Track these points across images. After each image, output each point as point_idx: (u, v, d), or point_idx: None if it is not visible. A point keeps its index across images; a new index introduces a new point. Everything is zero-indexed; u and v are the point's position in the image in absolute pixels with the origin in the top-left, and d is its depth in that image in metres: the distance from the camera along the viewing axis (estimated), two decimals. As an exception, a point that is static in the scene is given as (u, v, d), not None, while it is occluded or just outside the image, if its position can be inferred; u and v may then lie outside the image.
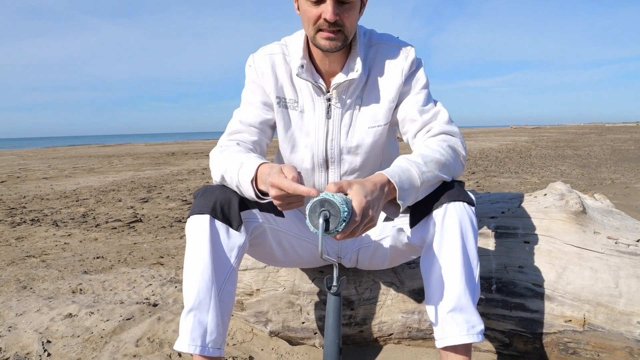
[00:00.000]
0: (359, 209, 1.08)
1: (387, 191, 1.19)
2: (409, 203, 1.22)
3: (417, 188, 1.23)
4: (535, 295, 1.63)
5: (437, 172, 1.27)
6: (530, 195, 1.90)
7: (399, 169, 1.23)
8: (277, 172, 1.16)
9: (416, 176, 1.23)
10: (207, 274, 1.26)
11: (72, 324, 2.17)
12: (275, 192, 1.16)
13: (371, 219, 1.13)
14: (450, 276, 1.25)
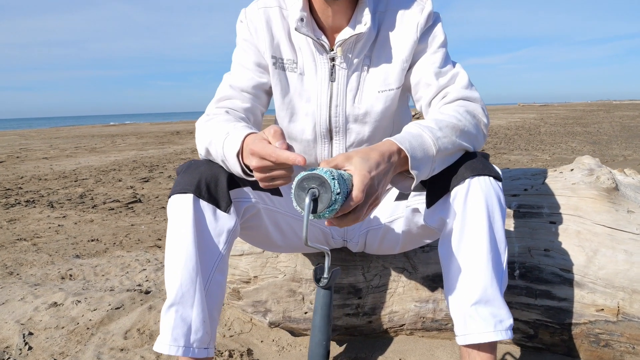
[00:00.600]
0: (361, 187, 0.90)
1: (397, 162, 1.00)
2: (423, 175, 1.04)
3: (432, 157, 1.04)
4: (563, 282, 1.45)
5: (454, 138, 1.08)
6: (555, 171, 1.71)
7: (409, 135, 1.04)
8: (259, 138, 0.98)
9: (430, 142, 1.04)
10: (190, 262, 1.09)
11: (56, 313, 2.02)
12: (256, 161, 0.97)
13: (376, 198, 0.95)
14: (474, 263, 1.07)
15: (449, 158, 1.08)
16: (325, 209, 0.84)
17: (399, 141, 1.01)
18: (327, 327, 0.96)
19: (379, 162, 0.96)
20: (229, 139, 1.07)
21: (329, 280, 0.95)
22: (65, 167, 7.44)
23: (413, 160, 1.00)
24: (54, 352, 1.74)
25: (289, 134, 1.32)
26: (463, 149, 1.11)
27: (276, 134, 0.96)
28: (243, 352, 1.67)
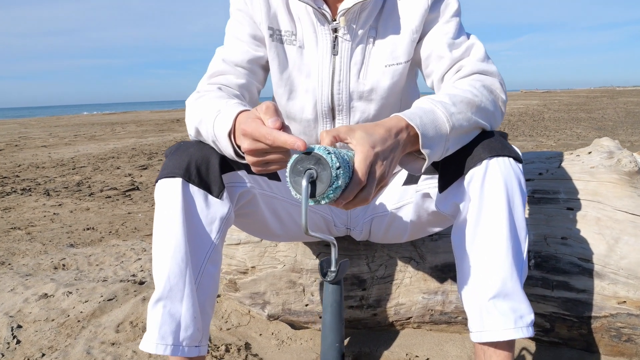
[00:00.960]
0: (364, 165, 0.80)
1: (406, 139, 0.90)
2: (436, 156, 0.94)
3: (445, 135, 0.93)
4: (582, 272, 1.36)
5: (470, 115, 0.97)
6: (572, 154, 1.61)
7: (420, 110, 0.93)
8: (252, 117, 0.87)
9: (443, 118, 0.93)
10: (179, 253, 0.99)
11: (47, 305, 1.93)
12: (248, 143, 0.87)
13: (382, 177, 0.84)
14: (492, 253, 0.97)
15: (464, 137, 0.98)
16: (327, 188, 0.74)
17: (408, 117, 0.90)
18: (339, 325, 0.86)
19: (385, 138, 0.85)
20: (220, 117, 0.96)
21: (337, 274, 0.84)
22: (64, 155, 7.34)
23: (424, 138, 0.90)
24: (42, 346, 1.65)
25: (288, 113, 1.22)
26: (479, 127, 1.01)
27: (268, 110, 0.85)
28: (241, 347, 1.58)
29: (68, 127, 14.20)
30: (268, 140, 0.82)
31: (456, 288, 1.45)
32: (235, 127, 0.93)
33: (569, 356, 1.40)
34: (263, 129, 0.83)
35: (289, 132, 0.84)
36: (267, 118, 0.84)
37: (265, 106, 0.86)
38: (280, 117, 0.85)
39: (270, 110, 0.85)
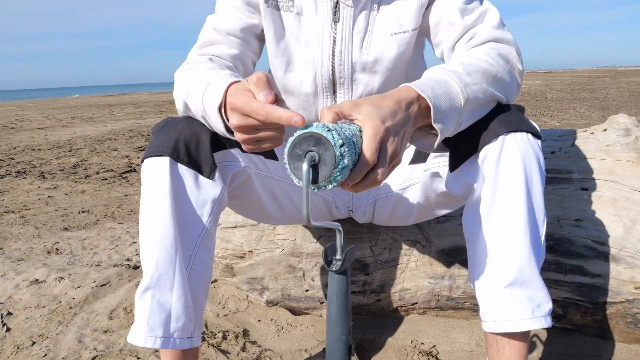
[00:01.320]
0: (374, 142, 0.71)
1: (417, 112, 0.81)
2: (448, 131, 0.85)
3: (459, 108, 0.84)
4: (597, 256, 1.28)
5: (486, 86, 0.88)
6: (586, 132, 1.52)
7: (431, 81, 0.84)
8: (241, 89, 0.78)
9: (457, 90, 0.84)
10: (168, 239, 0.91)
11: (38, 291, 1.87)
12: (237, 119, 0.78)
13: (394, 154, 0.76)
14: (508, 237, 0.89)
15: (479, 110, 0.89)
16: (332, 170, 0.65)
17: (419, 87, 0.81)
18: (345, 318, 0.78)
19: (395, 111, 0.77)
20: (209, 90, 0.88)
21: (343, 263, 0.76)
22: (60, 137, 7.24)
23: (437, 111, 0.81)
24: (33, 333, 1.59)
25: (285, 87, 1.13)
26: (495, 100, 0.92)
27: (259, 81, 0.76)
28: (238, 334, 1.52)
29: (65, 109, 14.07)
30: (260, 116, 0.73)
31: (464, 273, 1.38)
32: (226, 100, 0.85)
33: (582, 343, 1.33)
34: (254, 103, 0.74)
35: (284, 106, 0.75)
36: (258, 91, 0.75)
37: (256, 77, 0.76)
38: (273, 89, 0.77)
39: (261, 82, 0.76)
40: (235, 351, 1.43)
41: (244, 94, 0.76)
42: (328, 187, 0.67)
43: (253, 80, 0.76)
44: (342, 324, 0.77)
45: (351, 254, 0.77)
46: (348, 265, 0.76)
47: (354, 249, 0.79)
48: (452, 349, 1.36)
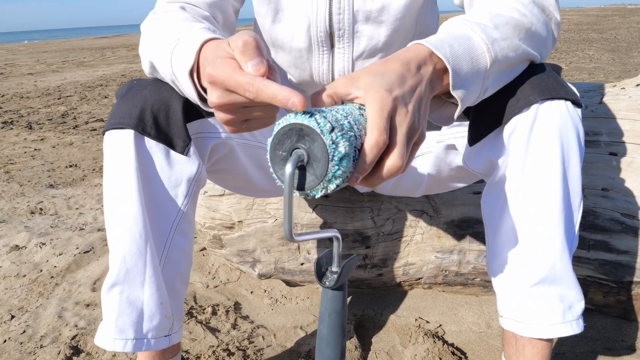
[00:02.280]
0: (381, 117, 0.55)
1: (431, 74, 0.64)
2: (470, 99, 0.69)
3: (484, 70, 0.68)
4: (625, 230, 1.16)
5: (517, 42, 0.71)
6: (615, 86, 1.36)
7: (449, 36, 0.67)
8: (223, 57, 0.60)
9: (482, 47, 0.68)
10: (136, 227, 0.77)
11: (18, 258, 1.76)
12: (218, 95, 0.60)
13: (412, 128, 0.59)
14: (539, 227, 0.75)
15: (508, 72, 0.73)
16: (328, 164, 0.50)
17: (434, 45, 0.65)
18: (338, 340, 0.64)
19: (403, 75, 0.60)
20: (179, 48, 0.71)
21: (339, 277, 0.61)
22: (50, 84, 7.00)
23: (456, 75, 0.65)
24: (12, 306, 1.49)
25: (273, 40, 0.95)
26: (528, 59, 0.75)
27: (247, 46, 0.58)
28: (229, 307, 1.41)
29: (57, 53, 13.65)
30: (248, 93, 0.56)
31: (475, 247, 1.25)
32: (199, 62, 0.68)
33: (602, 325, 1.22)
34: (240, 76, 0.57)
35: (277, 79, 0.58)
36: (245, 60, 0.58)
37: (243, 42, 0.58)
38: (265, 56, 0.59)
39: (249, 48, 0.57)
40: (226, 329, 1.32)
41: (226, 63, 0.58)
42: (330, 187, 0.52)
43: (238, 46, 0.58)
44: (335, 346, 0.64)
45: (350, 266, 0.63)
46: (345, 279, 0.63)
47: (355, 259, 0.64)
48: (460, 329, 1.25)
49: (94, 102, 5.24)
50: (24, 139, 3.74)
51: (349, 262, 0.62)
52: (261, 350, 1.23)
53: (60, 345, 1.26)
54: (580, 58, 7.34)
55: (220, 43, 0.65)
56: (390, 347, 1.21)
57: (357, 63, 0.92)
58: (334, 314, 0.62)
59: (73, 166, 3.00)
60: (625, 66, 6.21)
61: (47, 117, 4.56)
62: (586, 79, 5.16)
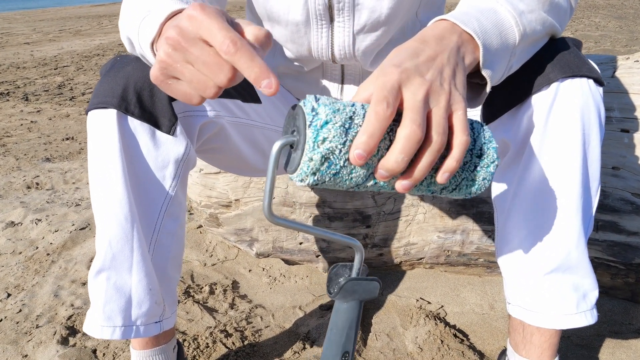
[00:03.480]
0: (381, 90, 0.49)
1: (457, 44, 0.57)
2: (496, 78, 0.63)
3: (512, 45, 0.62)
4: (636, 211, 1.12)
5: (544, 15, 0.66)
6: (629, 59, 1.30)
7: (475, 10, 0.62)
8: (204, 7, 0.52)
9: (511, 21, 0.62)
10: (121, 211, 0.74)
11: (14, 235, 1.73)
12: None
13: (434, 94, 0.51)
14: (556, 213, 0.71)
15: (532, 47, 0.67)
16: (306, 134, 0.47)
17: (461, 19, 0.59)
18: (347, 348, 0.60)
19: (417, 49, 0.54)
20: (147, 20, 0.65)
21: (340, 288, 0.55)
22: (47, 53, 6.88)
23: (486, 52, 0.59)
24: (9, 284, 1.46)
25: (269, 13, 0.90)
26: (552, 32, 0.70)
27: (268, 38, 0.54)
28: (227, 286, 1.39)
29: (53, 22, 13.43)
30: (229, 47, 0.48)
31: (479, 227, 1.22)
32: (161, 32, 0.62)
33: (609, 307, 1.20)
34: (230, 30, 0.49)
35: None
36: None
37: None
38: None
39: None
40: (224, 308, 1.30)
41: (214, 13, 0.51)
42: (314, 159, 0.47)
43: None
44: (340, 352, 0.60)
45: (357, 287, 0.57)
46: (351, 298, 0.57)
47: (375, 285, 0.57)
48: (462, 311, 1.23)
49: (91, 73, 5.15)
50: (20, 110, 3.68)
51: (359, 282, 0.57)
52: (259, 332, 1.21)
53: (56, 325, 1.24)
54: (587, 26, 7.18)
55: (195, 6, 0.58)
56: (391, 329, 1.19)
57: (358, 37, 0.87)
58: (334, 329, 0.58)
59: (70, 139, 2.95)
60: (632, 34, 6.07)
61: (44, 88, 4.48)
62: (592, 47, 5.04)
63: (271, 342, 1.17)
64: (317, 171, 0.48)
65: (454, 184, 0.54)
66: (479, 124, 0.56)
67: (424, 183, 0.53)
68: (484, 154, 0.54)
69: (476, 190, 0.55)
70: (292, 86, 1.04)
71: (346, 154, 0.48)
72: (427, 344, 1.12)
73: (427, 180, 0.53)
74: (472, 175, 0.54)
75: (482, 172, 0.54)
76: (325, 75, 0.99)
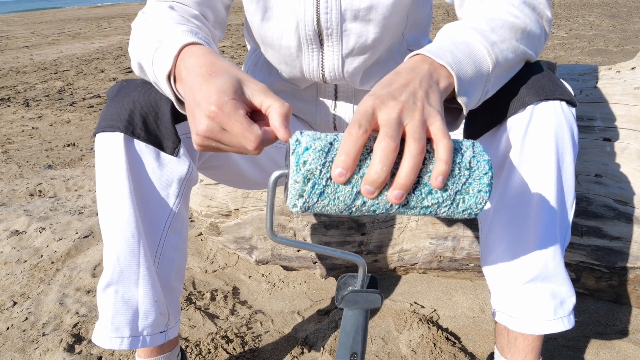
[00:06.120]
0: (356, 115, 0.54)
1: (429, 71, 0.62)
2: (473, 103, 0.69)
3: (486, 74, 0.67)
4: (618, 217, 1.16)
5: (515, 43, 0.71)
6: (611, 69, 1.34)
7: (449, 43, 0.67)
8: (226, 89, 0.61)
9: (483, 51, 0.67)
10: (128, 228, 0.78)
11: (19, 243, 1.78)
12: (209, 127, 0.61)
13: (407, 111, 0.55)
14: (533, 226, 0.76)
15: (507, 73, 0.72)
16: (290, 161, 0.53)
17: (435, 53, 0.64)
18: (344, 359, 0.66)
19: (391, 79, 0.60)
20: (160, 51, 0.70)
21: (342, 297, 0.62)
22: (46, 57, 6.92)
23: (461, 81, 0.64)
24: (14, 292, 1.51)
25: (263, 38, 0.94)
26: (525, 58, 0.75)
27: (288, 113, 0.62)
28: (227, 293, 1.43)
29: (52, 24, 13.46)
30: (251, 145, 0.60)
31: (469, 233, 1.27)
32: (176, 66, 0.68)
33: (594, 309, 1.24)
34: (252, 133, 0.60)
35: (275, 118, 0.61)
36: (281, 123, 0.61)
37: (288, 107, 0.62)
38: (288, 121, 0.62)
39: (288, 115, 0.61)
40: (224, 315, 1.35)
41: (235, 109, 0.60)
42: (296, 179, 0.53)
43: (284, 107, 0.62)
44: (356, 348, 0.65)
45: (357, 298, 0.62)
46: (352, 306, 0.63)
47: (377, 298, 0.63)
48: (454, 314, 1.27)
49: (91, 77, 5.19)
50: (21, 116, 3.72)
51: (360, 294, 0.62)
52: (259, 337, 1.26)
53: (62, 333, 1.29)
54: (581, 25, 7.22)
55: (207, 53, 0.66)
56: (386, 333, 1.23)
57: (347, 60, 0.91)
58: (343, 333, 0.64)
59: (71, 145, 3.00)
60: (625, 33, 6.11)
61: (44, 93, 4.53)
62: (586, 47, 5.08)
63: (270, 347, 1.22)
64: (304, 192, 0.53)
65: (448, 199, 0.55)
66: (466, 140, 0.59)
67: (417, 198, 0.55)
68: (474, 166, 0.55)
69: (476, 204, 0.56)
70: (288, 103, 1.09)
71: (327, 173, 0.53)
72: (421, 347, 1.17)
73: (419, 193, 0.55)
74: (465, 188, 0.55)
75: (475, 184, 0.55)
76: (319, 92, 1.04)
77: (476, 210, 0.56)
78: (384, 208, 0.55)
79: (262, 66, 1.08)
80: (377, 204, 0.55)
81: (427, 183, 0.54)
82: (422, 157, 0.53)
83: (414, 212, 0.56)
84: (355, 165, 0.53)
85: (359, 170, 0.53)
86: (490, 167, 0.56)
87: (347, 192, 0.54)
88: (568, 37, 6.06)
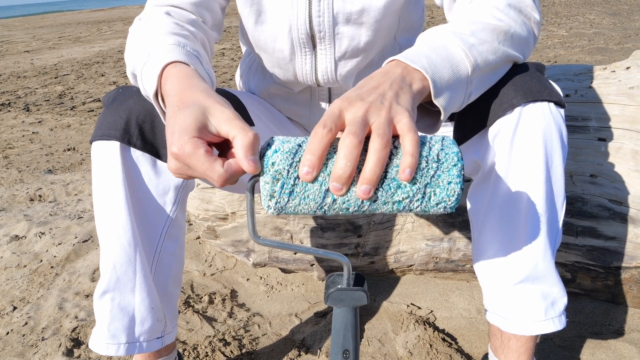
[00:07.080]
0: (324, 117, 0.55)
1: (401, 74, 0.63)
2: (455, 106, 0.69)
3: (466, 77, 0.68)
4: (613, 217, 1.16)
5: (497, 45, 0.71)
6: (606, 69, 1.35)
7: (425, 48, 0.67)
8: (188, 127, 0.57)
9: (460, 54, 0.67)
10: (125, 236, 0.79)
11: (19, 248, 1.78)
12: (178, 167, 0.59)
13: (374, 109, 0.56)
14: (523, 227, 0.77)
15: (492, 75, 0.73)
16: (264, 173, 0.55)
17: (410, 59, 0.64)
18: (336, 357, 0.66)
19: (363, 84, 0.61)
20: (147, 67, 0.71)
21: (328, 296, 0.62)
22: (47, 62, 6.95)
23: (437, 84, 0.64)
24: (14, 297, 1.52)
25: (256, 42, 0.95)
26: (511, 60, 0.75)
27: (256, 144, 0.56)
28: (226, 296, 1.44)
29: (52, 28, 13.51)
30: (215, 182, 0.57)
31: (465, 234, 1.27)
32: (161, 85, 0.69)
33: (590, 309, 1.25)
34: (214, 171, 0.55)
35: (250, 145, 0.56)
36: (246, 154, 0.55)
37: (254, 137, 0.56)
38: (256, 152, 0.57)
39: (256, 146, 0.56)
40: (222, 318, 1.35)
41: (195, 148, 0.56)
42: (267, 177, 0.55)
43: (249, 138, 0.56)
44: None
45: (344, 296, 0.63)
46: (339, 304, 0.63)
47: (362, 296, 0.63)
48: (451, 315, 1.28)
49: (91, 81, 5.21)
50: (21, 121, 3.74)
51: (345, 292, 0.62)
52: (257, 339, 1.26)
53: (61, 337, 1.30)
54: (581, 23, 7.23)
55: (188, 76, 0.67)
56: (383, 334, 1.24)
57: (340, 63, 0.92)
58: (334, 330, 0.65)
59: (71, 150, 3.01)
60: (626, 31, 6.11)
61: (45, 97, 4.54)
62: (586, 45, 5.09)
63: (268, 349, 1.23)
64: (274, 192, 0.54)
65: (418, 192, 0.55)
66: (436, 135, 0.59)
67: (386, 193, 0.55)
68: (442, 159, 0.55)
69: (448, 197, 0.55)
70: (282, 106, 1.10)
71: (295, 173, 0.54)
72: (417, 348, 1.17)
73: (388, 188, 0.55)
74: (435, 180, 0.55)
75: (444, 176, 0.55)
76: (313, 96, 1.04)
77: (450, 203, 0.56)
78: (356, 205, 0.55)
79: (256, 69, 1.09)
80: (348, 201, 0.55)
81: (395, 178, 0.54)
82: (386, 152, 0.53)
83: (387, 209, 0.56)
84: (322, 164, 0.54)
85: (326, 169, 0.55)
86: (459, 159, 0.55)
87: (316, 191, 0.55)
88: (568, 35, 6.06)
